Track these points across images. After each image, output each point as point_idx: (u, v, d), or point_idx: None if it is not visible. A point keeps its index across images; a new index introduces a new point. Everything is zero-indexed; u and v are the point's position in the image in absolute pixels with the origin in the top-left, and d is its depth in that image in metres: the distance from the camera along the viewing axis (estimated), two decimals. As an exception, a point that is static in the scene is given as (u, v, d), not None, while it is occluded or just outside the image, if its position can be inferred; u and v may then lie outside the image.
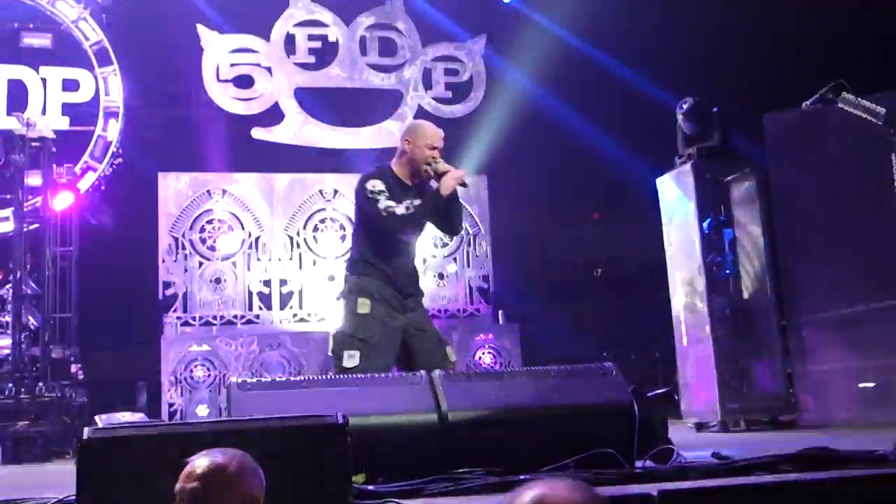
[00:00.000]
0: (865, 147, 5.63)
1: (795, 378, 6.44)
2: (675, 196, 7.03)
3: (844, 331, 6.06)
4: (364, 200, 4.29)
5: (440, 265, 8.49)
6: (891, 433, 4.08)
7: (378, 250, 4.32)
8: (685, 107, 7.06)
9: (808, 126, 6.09)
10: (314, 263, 8.26)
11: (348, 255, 4.59)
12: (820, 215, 6.22)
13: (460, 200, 4.53)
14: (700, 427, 6.53)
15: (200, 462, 2.00)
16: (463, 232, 8.55)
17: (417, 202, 4.29)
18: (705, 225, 6.78)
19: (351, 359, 4.08)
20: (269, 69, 8.79)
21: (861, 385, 6.22)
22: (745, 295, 6.77)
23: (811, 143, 6.20)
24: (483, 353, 8.05)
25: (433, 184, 4.40)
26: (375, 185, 4.26)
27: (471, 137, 8.94)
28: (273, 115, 8.79)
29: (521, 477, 3.15)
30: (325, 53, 9.04)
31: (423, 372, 3.74)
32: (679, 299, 6.96)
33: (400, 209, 4.24)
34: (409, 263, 4.46)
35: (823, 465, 3.25)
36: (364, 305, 4.19)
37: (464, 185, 4.38)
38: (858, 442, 4.46)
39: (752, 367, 6.58)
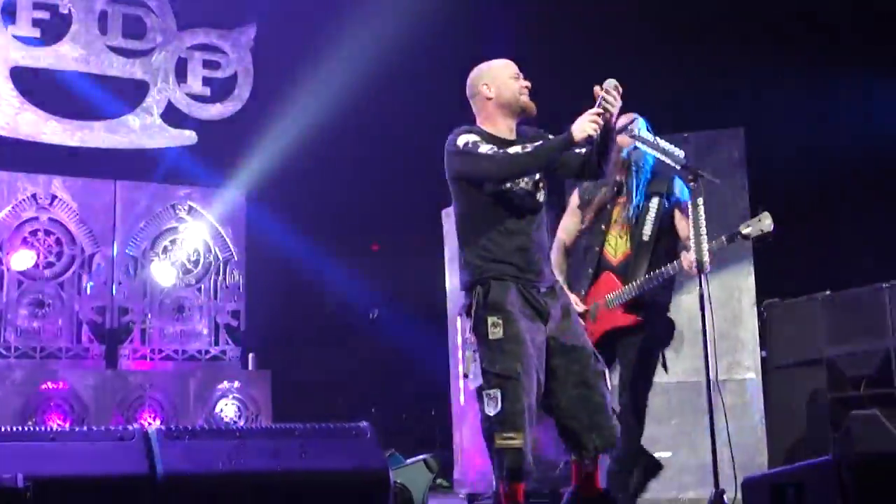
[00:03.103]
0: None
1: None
2: (461, 231, 7.25)
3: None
4: (460, 159, 3.99)
5: (181, 296, 8.31)
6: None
7: (497, 230, 3.99)
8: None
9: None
10: (19, 285, 7.90)
11: (461, 259, 4.11)
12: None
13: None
14: (472, 499, 6.72)
15: None
16: (214, 258, 8.44)
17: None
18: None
19: (492, 402, 3.83)
20: (-22, 39, 8.39)
21: (657, 455, 6.60)
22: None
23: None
24: (226, 405, 7.92)
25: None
26: (469, 137, 3.99)
27: (229, 145, 8.85)
28: (-20, 98, 8.37)
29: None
30: (54, 27, 8.72)
31: (137, 426, 3.66)
32: (459, 351, 7.16)
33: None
34: (541, 237, 4.09)
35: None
36: (496, 328, 3.88)
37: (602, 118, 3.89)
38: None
39: (537, 430, 6.82)
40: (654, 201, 4.98)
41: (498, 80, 4.12)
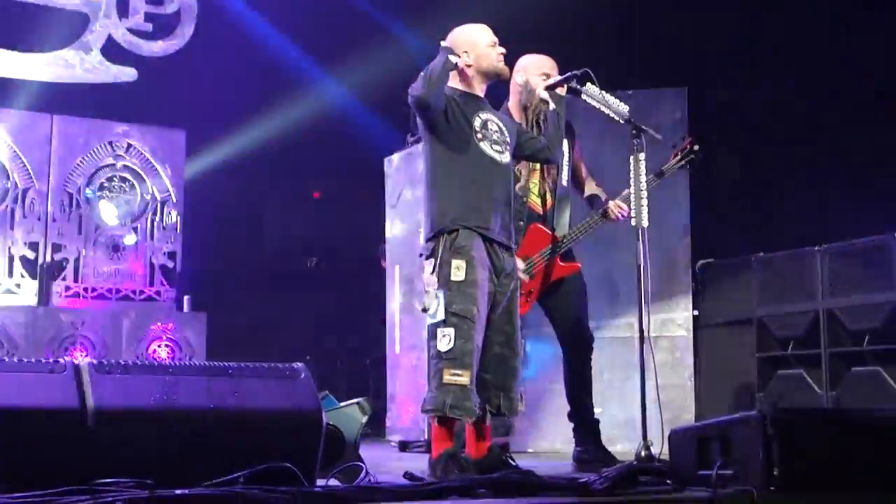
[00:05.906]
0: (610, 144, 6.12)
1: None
2: (402, 180, 7.25)
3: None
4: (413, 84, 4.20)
5: (116, 234, 8.20)
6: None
7: (467, 183, 4.24)
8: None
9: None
10: (-49, 217, 7.75)
11: (429, 206, 4.30)
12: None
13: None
14: (404, 446, 6.77)
15: None
16: (152, 198, 8.33)
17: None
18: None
19: (445, 339, 4.04)
20: (-89, -39, 8.14)
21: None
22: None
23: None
24: (159, 346, 7.84)
25: None
26: None
27: (171, 82, 8.72)
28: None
29: (177, 492, 3.14)
30: (-8, -47, 8.47)
31: (68, 359, 3.61)
32: (395, 299, 7.18)
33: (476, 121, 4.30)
34: (507, 195, 4.38)
35: (522, 490, 3.49)
36: (459, 270, 4.09)
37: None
38: (569, 469, 4.86)
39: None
40: (565, 146, 5.03)
41: (478, 49, 4.35)
